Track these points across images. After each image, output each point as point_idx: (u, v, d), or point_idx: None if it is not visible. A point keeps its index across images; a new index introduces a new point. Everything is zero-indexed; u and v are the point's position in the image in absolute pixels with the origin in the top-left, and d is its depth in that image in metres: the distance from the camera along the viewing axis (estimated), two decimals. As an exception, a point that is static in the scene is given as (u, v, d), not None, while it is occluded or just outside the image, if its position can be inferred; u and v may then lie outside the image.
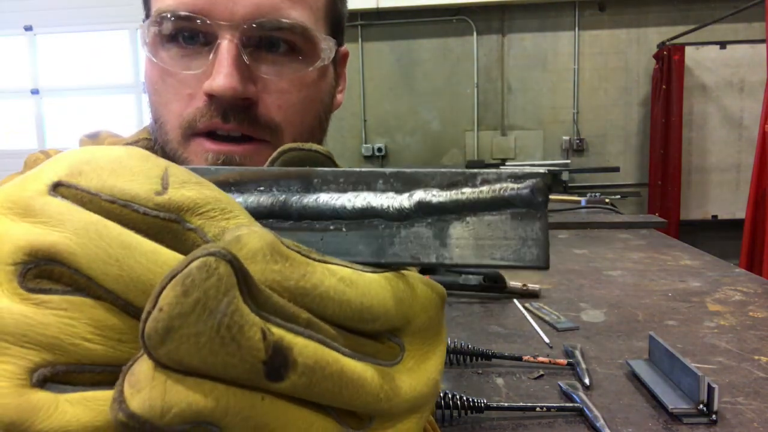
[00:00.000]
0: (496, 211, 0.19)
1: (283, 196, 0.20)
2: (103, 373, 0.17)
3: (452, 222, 0.19)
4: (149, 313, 0.15)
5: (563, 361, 0.89)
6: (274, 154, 0.22)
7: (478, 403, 0.74)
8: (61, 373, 0.16)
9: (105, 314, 0.17)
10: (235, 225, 0.18)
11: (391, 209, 0.19)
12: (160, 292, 0.15)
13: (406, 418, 0.20)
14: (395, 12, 4.61)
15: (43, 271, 0.16)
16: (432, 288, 0.21)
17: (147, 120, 0.51)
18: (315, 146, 0.22)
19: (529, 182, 0.19)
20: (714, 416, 0.71)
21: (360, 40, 4.67)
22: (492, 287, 1.29)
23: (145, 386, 0.15)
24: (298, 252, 0.18)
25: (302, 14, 0.44)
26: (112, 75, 4.78)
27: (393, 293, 0.19)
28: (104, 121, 4.85)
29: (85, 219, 0.17)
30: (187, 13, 0.42)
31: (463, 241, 0.19)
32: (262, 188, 0.20)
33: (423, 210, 0.19)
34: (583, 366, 0.87)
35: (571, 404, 0.76)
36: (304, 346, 0.16)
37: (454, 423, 0.74)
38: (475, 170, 0.19)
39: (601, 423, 0.70)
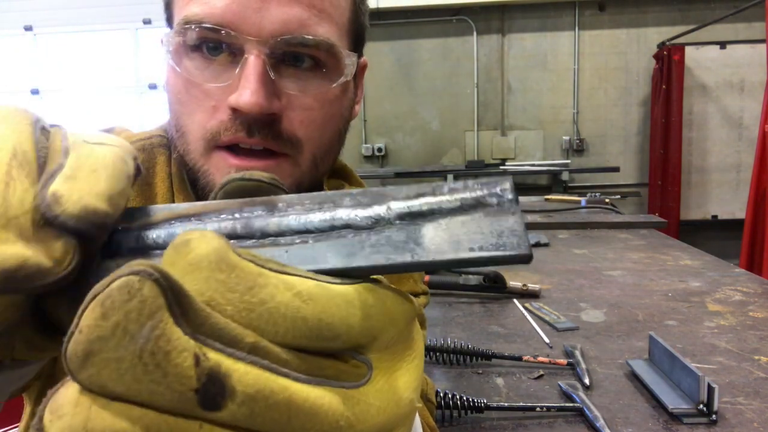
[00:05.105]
0: (468, 212, 0.19)
1: (246, 219, 0.20)
2: None
3: (425, 224, 0.19)
4: (72, 333, 0.14)
5: (563, 361, 0.89)
6: (218, 185, 0.21)
7: (478, 403, 0.74)
8: None
9: None
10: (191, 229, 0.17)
11: (359, 218, 0.19)
12: (83, 312, 0.14)
13: None
14: (395, 12, 4.61)
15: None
16: (403, 299, 0.19)
17: (147, 121, 0.51)
18: (259, 174, 0.21)
19: (496, 182, 0.19)
20: (714, 416, 0.71)
21: (360, 40, 4.67)
22: (492, 287, 1.29)
23: (66, 412, 0.14)
24: (252, 261, 0.16)
25: (328, 30, 0.44)
26: (112, 75, 4.78)
27: (359, 308, 0.17)
28: (104, 122, 4.84)
29: None
30: (214, 26, 0.41)
31: (438, 239, 0.18)
32: (223, 216, 0.20)
33: (395, 215, 0.19)
34: (583, 366, 0.87)
35: (571, 404, 0.76)
36: (244, 373, 0.15)
37: (454, 423, 0.74)
38: (441, 183, 0.20)
39: (601, 423, 0.70)
